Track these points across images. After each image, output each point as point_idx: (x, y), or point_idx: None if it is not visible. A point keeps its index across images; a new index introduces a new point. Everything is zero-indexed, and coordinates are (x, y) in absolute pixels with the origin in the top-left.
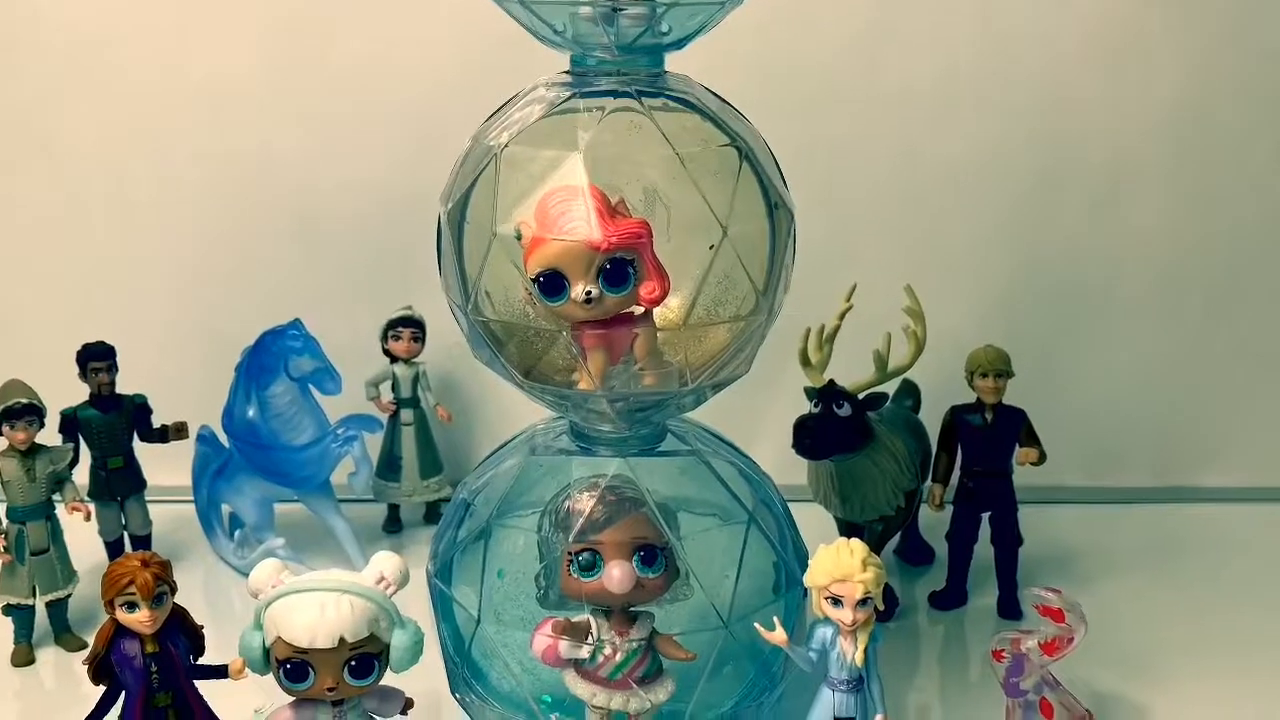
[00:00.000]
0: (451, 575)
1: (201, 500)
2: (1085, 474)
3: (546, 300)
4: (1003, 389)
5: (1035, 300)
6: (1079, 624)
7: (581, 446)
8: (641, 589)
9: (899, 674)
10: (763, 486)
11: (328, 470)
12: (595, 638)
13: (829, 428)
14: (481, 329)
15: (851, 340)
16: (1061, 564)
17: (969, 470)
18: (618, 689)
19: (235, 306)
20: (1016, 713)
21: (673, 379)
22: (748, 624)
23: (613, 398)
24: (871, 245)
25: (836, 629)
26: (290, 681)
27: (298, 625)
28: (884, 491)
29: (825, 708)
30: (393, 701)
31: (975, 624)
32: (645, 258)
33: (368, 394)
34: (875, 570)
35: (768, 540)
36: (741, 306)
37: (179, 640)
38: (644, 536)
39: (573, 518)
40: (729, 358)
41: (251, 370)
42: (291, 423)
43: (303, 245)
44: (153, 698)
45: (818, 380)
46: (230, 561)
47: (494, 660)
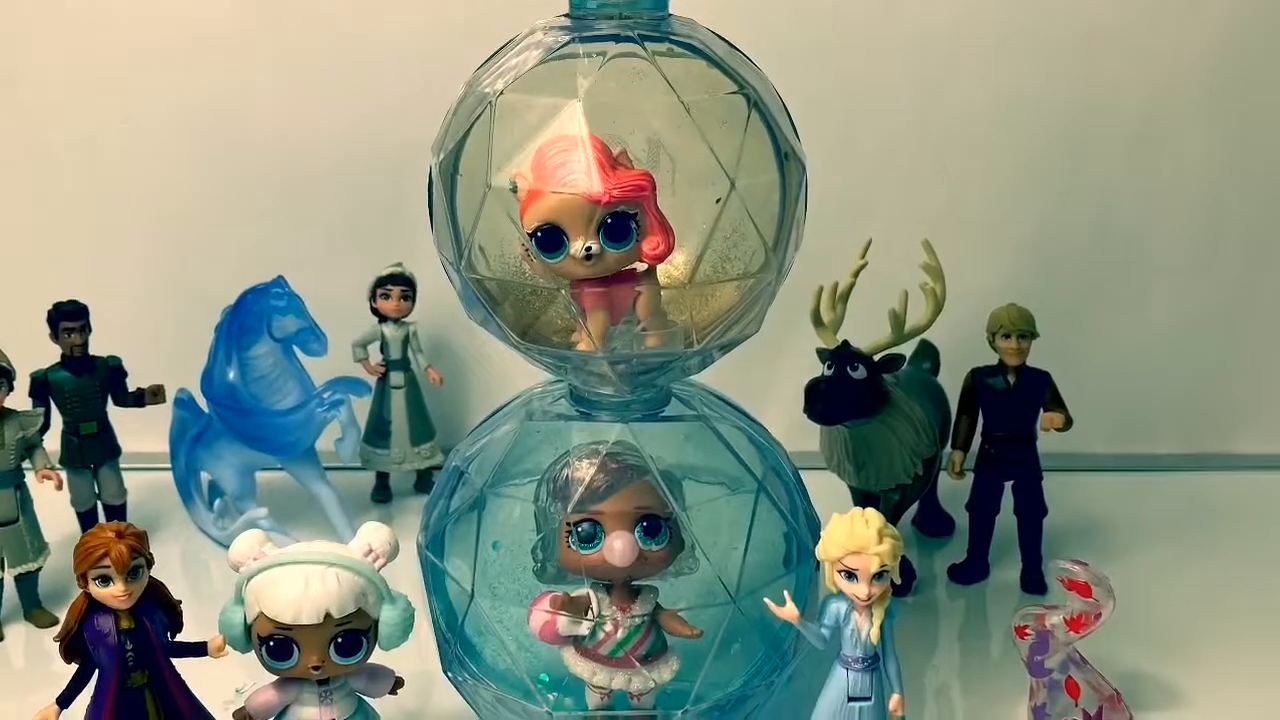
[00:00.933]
0: (443, 547)
1: (179, 468)
2: (1113, 440)
3: (544, 256)
4: (1026, 350)
5: (1061, 256)
6: (1107, 598)
7: (581, 411)
8: (644, 562)
9: (916, 652)
10: (773, 453)
11: (313, 436)
12: (595, 613)
13: (843, 391)
14: (475, 287)
15: (866, 299)
16: (1088, 535)
17: (991, 436)
18: (619, 667)
19: (215, 263)
20: (1040, 692)
21: (677, 340)
22: (757, 599)
23: (614, 360)
24: (887, 198)
25: (850, 604)
26: (273, 659)
27: (281, 600)
28: (901, 459)
29: (838, 687)
30: (381, 681)
31: (997, 599)
32: (648, 211)
33: (355, 355)
34: (891, 542)
35: (778, 510)
36: (750, 263)
37: (155, 616)
38: (647, 506)
39: (572, 486)
40: (737, 317)
41: (232, 331)
42: (274, 386)
43: (286, 198)
44: (128, 677)
45: (831, 341)
46: (210, 533)
47: (488, 637)
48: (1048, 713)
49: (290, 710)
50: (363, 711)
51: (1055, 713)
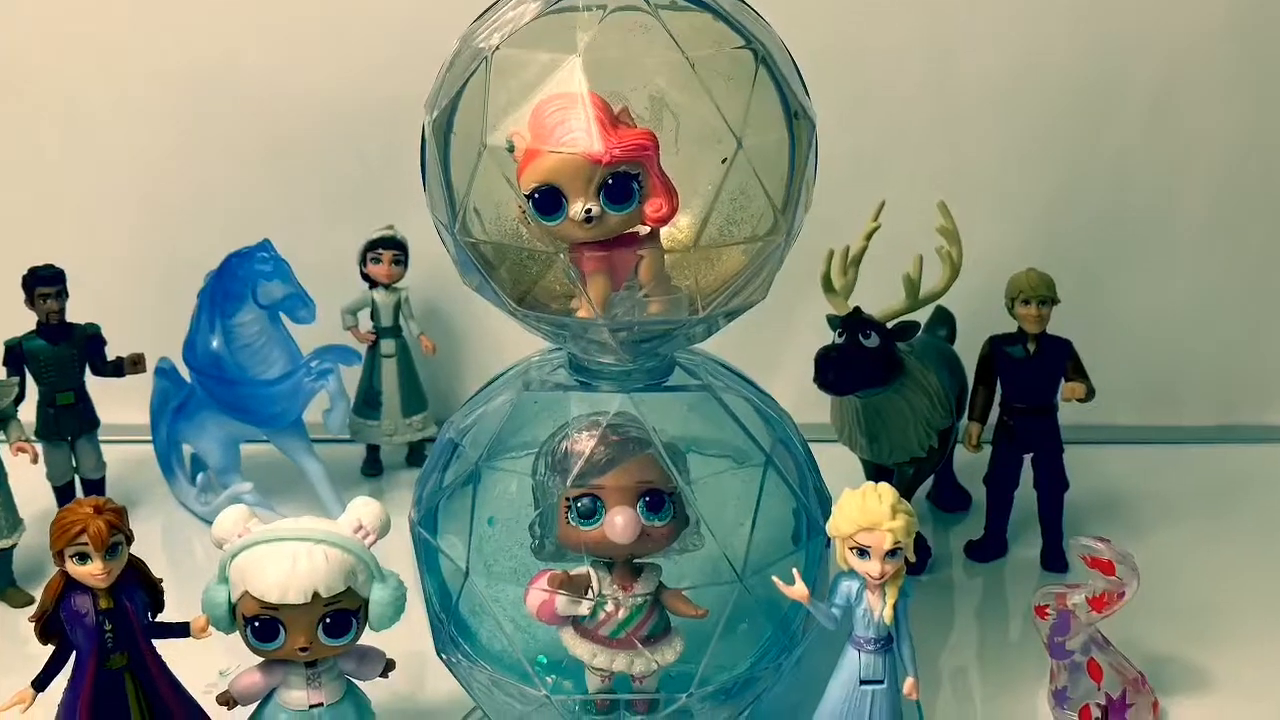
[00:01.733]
0: (437, 523)
1: (161, 440)
2: (1138, 411)
3: (542, 219)
4: (1047, 317)
5: (1084, 218)
6: (1131, 577)
7: (581, 381)
8: (647, 538)
9: (931, 633)
10: (781, 425)
11: (300, 407)
12: (596, 592)
13: (854, 360)
14: (470, 251)
15: (879, 263)
16: (1111, 510)
17: (1009, 407)
18: (621, 649)
19: (198, 226)
20: (1061, 675)
21: (681, 306)
22: (765, 577)
23: (615, 327)
24: (901, 158)
25: (863, 583)
26: (259, 641)
27: (267, 579)
28: (915, 431)
29: (850, 670)
30: (372, 663)
31: (1016, 577)
32: (651, 172)
33: (344, 323)
34: (905, 518)
35: (786, 484)
36: (758, 226)
37: (135, 595)
38: (650, 480)
39: (571, 459)
40: (744, 282)
41: (216, 297)
42: (260, 355)
43: (273, 158)
44: (107, 659)
45: (842, 307)
46: (192, 508)
47: (484, 617)
48: (1069, 696)
49: (276, 694)
50: (352, 695)
51: (1077, 696)
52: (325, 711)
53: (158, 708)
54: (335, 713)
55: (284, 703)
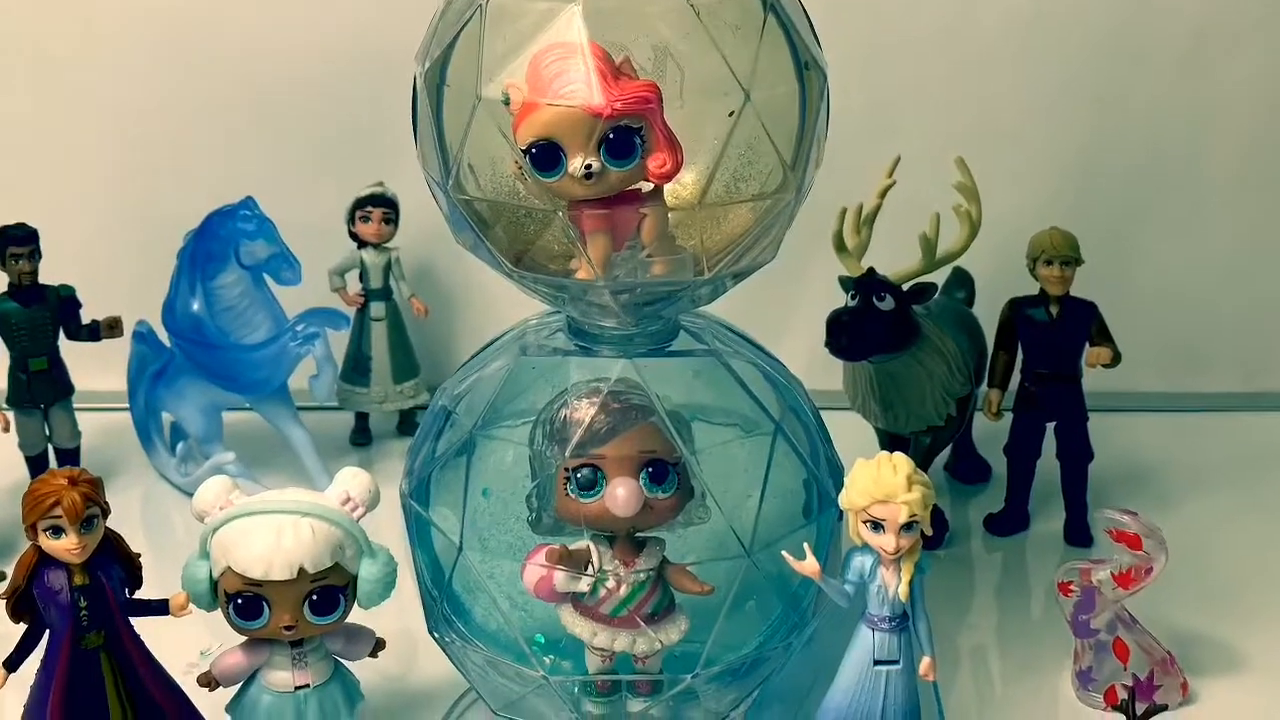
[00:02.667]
0: (429, 495)
1: (138, 408)
2: (1165, 377)
3: (539, 175)
4: (1070, 278)
5: (1109, 175)
6: (1159, 551)
7: (580, 345)
8: (650, 511)
9: (949, 610)
10: (791, 392)
11: (285, 373)
12: (596, 568)
13: (868, 324)
14: (464, 209)
15: (894, 222)
16: (1138, 481)
17: (1031, 373)
18: (622, 627)
19: (178, 183)
20: (1086, 655)
21: (686, 267)
22: (774, 552)
23: (617, 289)
24: (918, 111)
25: (877, 558)
26: (242, 619)
27: (250, 553)
28: (932, 398)
29: (863, 649)
30: (361, 642)
31: (1038, 552)
32: (654, 126)
33: (332, 284)
34: (922, 489)
35: (797, 454)
36: (766, 183)
37: (112, 571)
38: (653, 450)
39: (570, 428)
40: (752, 242)
41: (197, 258)
42: (243, 318)
43: (256, 112)
44: (82, 637)
45: (855, 269)
46: (172, 479)
47: (478, 594)
48: (1094, 677)
49: (260, 674)
50: (340, 676)
51: (1102, 678)
52: (311, 693)
53: (135, 689)
54: (322, 694)
55: (268, 684)
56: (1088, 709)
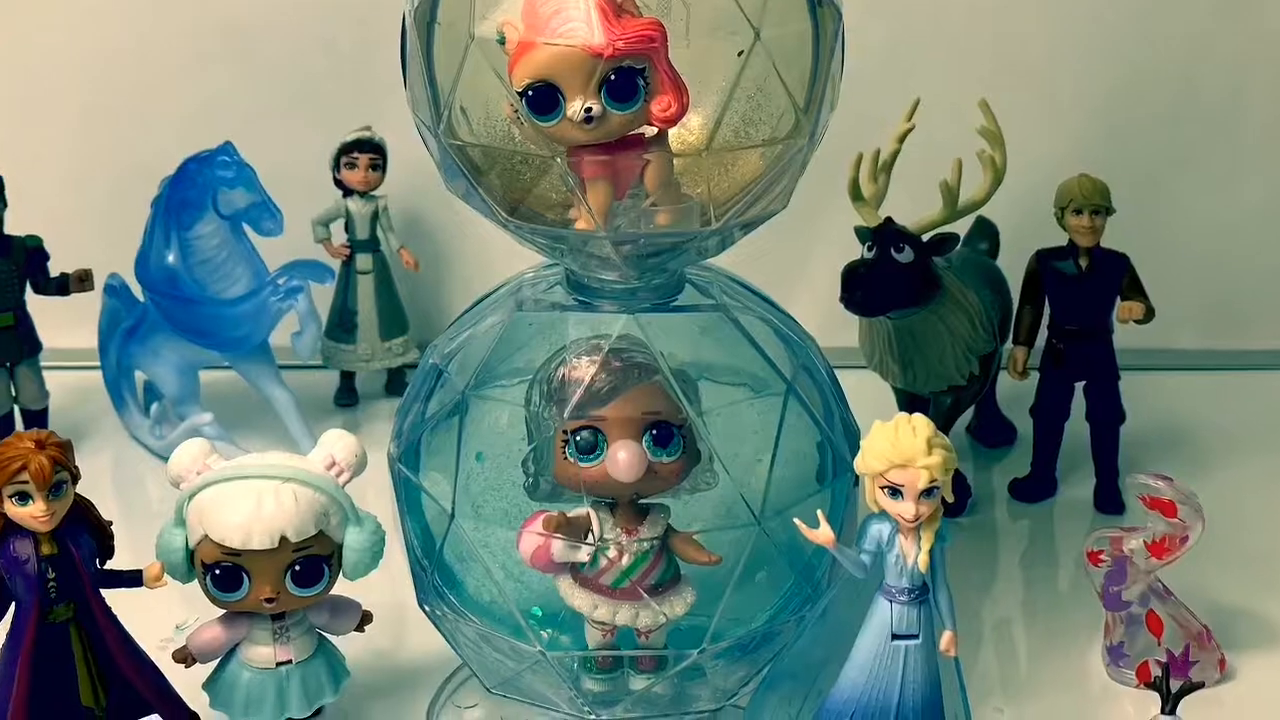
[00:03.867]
0: (419, 459)
1: (110, 367)
2: (1201, 333)
3: (536, 119)
4: (1100, 229)
5: (1142, 119)
6: (1195, 519)
7: (580, 300)
8: (654, 476)
9: (972, 582)
10: (804, 349)
11: (265, 329)
12: (596, 537)
13: (886, 277)
14: (456, 155)
15: (913, 169)
16: (1173, 444)
17: (1059, 329)
18: (624, 600)
19: (151, 128)
20: (1117, 629)
21: (692, 216)
22: (786, 520)
23: (618, 240)
24: (938, 51)
25: (895, 526)
26: (220, 591)
27: (229, 521)
28: (953, 356)
29: (881, 623)
30: (346, 615)
31: (1066, 520)
32: (658, 66)
33: (316, 235)
34: (942, 453)
35: (810, 416)
36: (777, 127)
37: (82, 540)
38: (657, 411)
39: (569, 388)
40: (762, 190)
41: (172, 206)
42: (221, 271)
43: (235, 51)
44: (50, 610)
45: (872, 218)
46: (146, 442)
47: (471, 565)
48: (1126, 653)
49: (239, 650)
50: (324, 651)
51: (1135, 652)
52: (294, 669)
53: (106, 665)
54: (305, 671)
55: (248, 659)
56: (1119, 686)
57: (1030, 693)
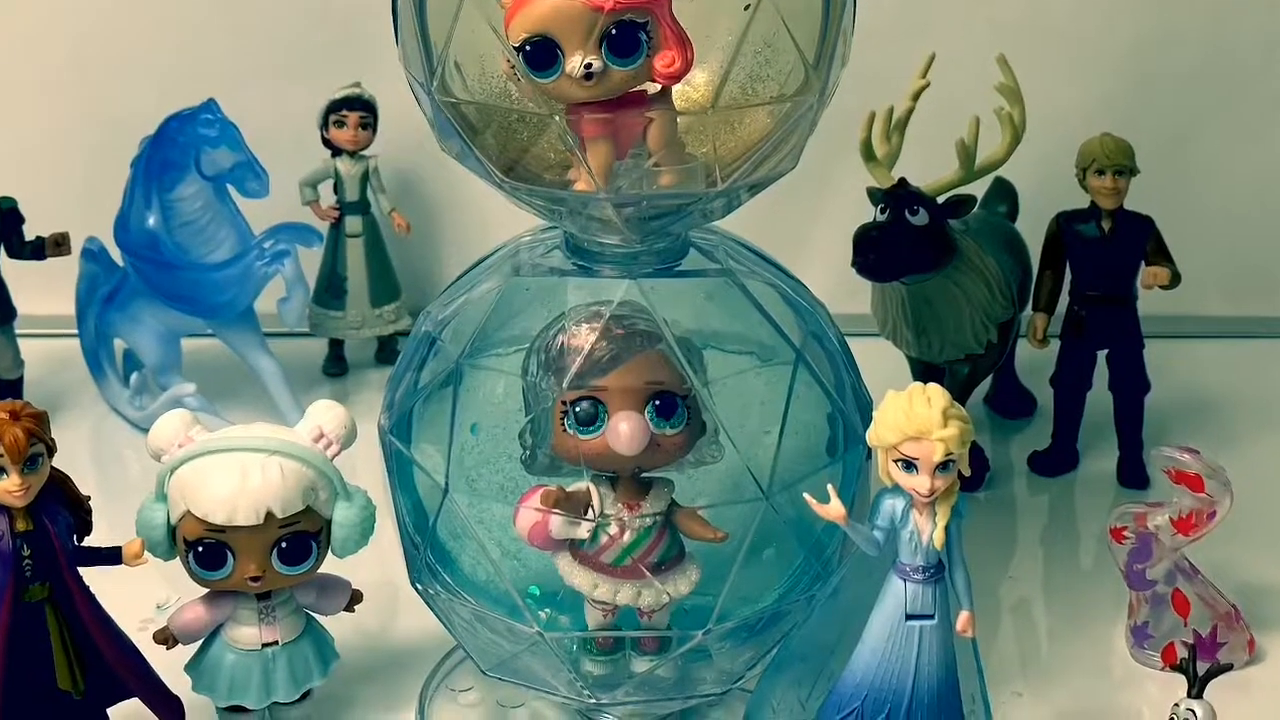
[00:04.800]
0: (411, 431)
1: (88, 334)
2: (1230, 299)
3: (534, 75)
4: (1124, 190)
5: (1168, 75)
6: (1223, 494)
7: (579, 265)
8: (657, 449)
9: (990, 559)
10: (814, 316)
11: (250, 295)
12: (597, 512)
13: (899, 240)
14: (450, 113)
15: (929, 128)
16: (1200, 415)
17: (1081, 295)
18: (626, 578)
19: (132, 84)
20: (1142, 608)
21: (697, 177)
22: (795, 494)
23: (619, 202)
24: (955, 3)
25: (909, 501)
26: (203, 569)
27: (212, 496)
28: (970, 323)
29: (894, 602)
30: (335, 594)
31: (1088, 494)
32: (662, 20)
33: (303, 197)
34: (959, 425)
35: (820, 386)
36: (786, 84)
37: (58, 516)
38: (660, 381)
39: (568, 357)
40: (770, 150)
41: (153, 167)
42: (204, 234)
43: (218, 4)
44: (24, 590)
45: (885, 179)
46: (125, 413)
47: (466, 542)
48: (1151, 634)
49: (223, 630)
50: (312, 632)
51: (1160, 634)
52: (280, 651)
53: (84, 646)
54: (292, 652)
55: (232, 640)
56: (1143, 669)
57: (1050, 676)
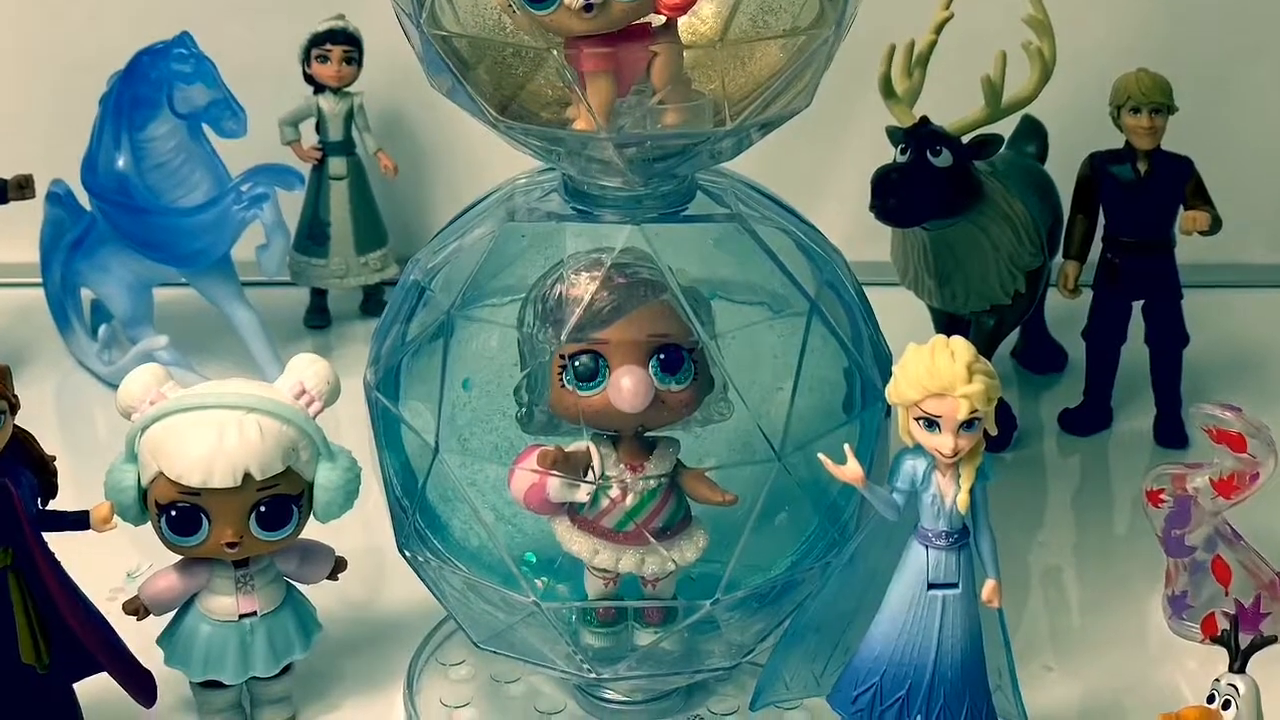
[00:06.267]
0: (399, 387)
1: (53, 283)
2: (1275, 246)
3: (530, 7)
4: (1161, 129)
5: (1208, 5)
6: (1266, 454)
7: (578, 209)
8: (661, 406)
9: (1017, 524)
10: (829, 264)
11: (227, 242)
12: (597, 474)
13: (921, 182)
14: (440, 46)
15: (952, 63)
16: (1242, 370)
17: (1115, 242)
18: (628, 544)
19: (100, 17)
20: (1180, 576)
21: (704, 115)
22: (809, 454)
23: (622, 142)
24: None
25: (931, 462)
26: (176, 534)
27: (186, 456)
28: (996, 271)
29: (915, 570)
30: (318, 562)
31: (1123, 455)
32: None
33: (284, 136)
34: (985, 381)
35: (836, 339)
36: (800, 15)
37: (21, 477)
38: (665, 333)
39: (567, 307)
40: (782, 86)
41: (123, 104)
42: (177, 176)
43: None
44: None
45: (906, 118)
46: (93, 368)
47: (457, 505)
48: (1189, 603)
49: (197, 600)
50: (293, 601)
51: (1199, 603)
52: (259, 622)
53: (49, 616)
54: (271, 624)
55: (207, 611)
56: (1181, 641)
57: (1082, 648)
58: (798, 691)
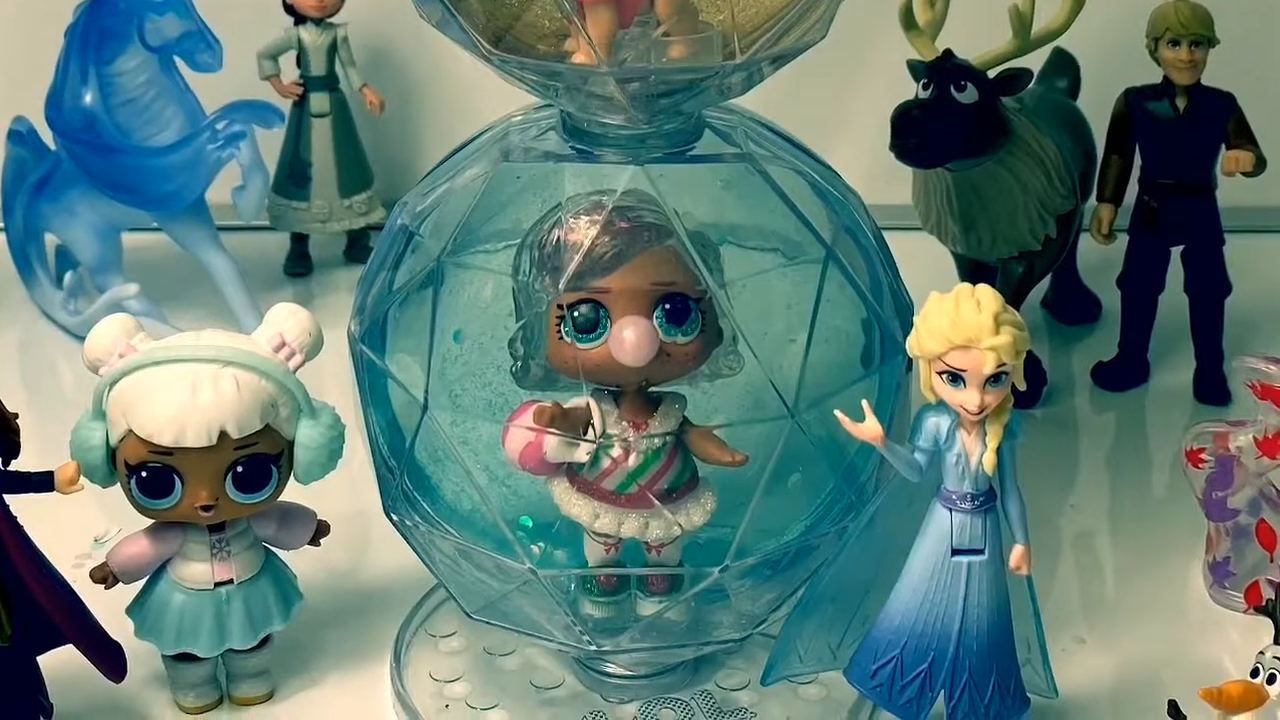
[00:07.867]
0: (385, 339)
1: (16, 228)
2: None
3: None
4: (1201, 63)
5: None
6: None
7: (578, 149)
8: (667, 359)
9: (1048, 485)
10: (846, 207)
11: (202, 184)
12: (598, 432)
13: (945, 120)
14: None
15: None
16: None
17: (1152, 184)
18: (631, 508)
19: None
20: (1222, 541)
21: (712, 48)
22: (825, 411)
23: (624, 76)
24: None
25: (956, 419)
26: (147, 496)
27: (158, 413)
28: (1026, 215)
29: (938, 535)
30: (298, 526)
31: (1160, 411)
32: None
33: (262, 70)
34: (1013, 332)
35: (854, 287)
36: None
37: None
38: (670, 281)
39: (565, 254)
40: (796, 17)
41: (90, 37)
42: (149, 113)
43: None
44: None
45: (928, 51)
46: (58, 318)
47: (448, 466)
48: (1232, 570)
49: (170, 567)
50: (272, 569)
51: (1242, 571)
52: (235, 590)
53: (11, 586)
54: (249, 592)
55: (180, 578)
56: (1223, 610)
57: (1117, 618)
58: (812, 665)
